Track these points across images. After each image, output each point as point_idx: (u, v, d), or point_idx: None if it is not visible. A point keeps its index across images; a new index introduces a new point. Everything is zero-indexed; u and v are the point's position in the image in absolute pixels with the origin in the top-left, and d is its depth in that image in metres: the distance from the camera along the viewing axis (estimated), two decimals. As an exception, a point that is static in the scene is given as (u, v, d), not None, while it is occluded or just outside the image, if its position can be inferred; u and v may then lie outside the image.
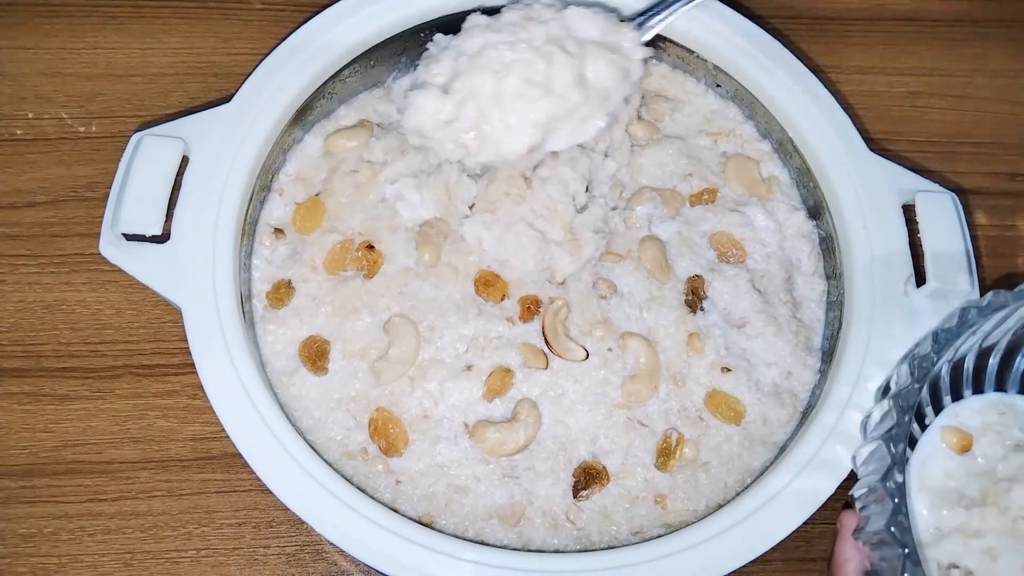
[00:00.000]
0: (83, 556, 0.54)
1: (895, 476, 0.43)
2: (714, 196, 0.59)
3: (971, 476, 0.47)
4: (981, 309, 0.46)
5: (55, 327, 0.59)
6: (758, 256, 0.58)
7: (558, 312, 0.53)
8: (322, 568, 0.55)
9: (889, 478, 0.43)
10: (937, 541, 0.46)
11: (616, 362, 0.53)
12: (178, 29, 0.69)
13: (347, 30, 0.58)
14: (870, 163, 0.56)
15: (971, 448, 0.48)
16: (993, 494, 0.46)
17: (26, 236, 0.62)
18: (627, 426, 0.52)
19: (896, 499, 0.42)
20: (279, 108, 0.55)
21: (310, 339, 0.53)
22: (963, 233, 0.53)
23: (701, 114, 0.63)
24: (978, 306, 0.46)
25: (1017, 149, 0.70)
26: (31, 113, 0.65)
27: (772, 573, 0.55)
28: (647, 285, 0.55)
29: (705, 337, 0.54)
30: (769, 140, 0.61)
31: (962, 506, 0.46)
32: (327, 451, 0.51)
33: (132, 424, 0.57)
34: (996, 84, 0.72)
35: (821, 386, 0.53)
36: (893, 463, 0.43)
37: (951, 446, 0.48)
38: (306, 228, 0.56)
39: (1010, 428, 0.49)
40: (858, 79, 0.72)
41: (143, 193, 0.51)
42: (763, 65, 0.59)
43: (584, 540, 0.50)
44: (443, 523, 0.50)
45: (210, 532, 0.55)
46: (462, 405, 0.52)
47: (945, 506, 0.46)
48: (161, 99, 0.67)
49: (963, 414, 0.49)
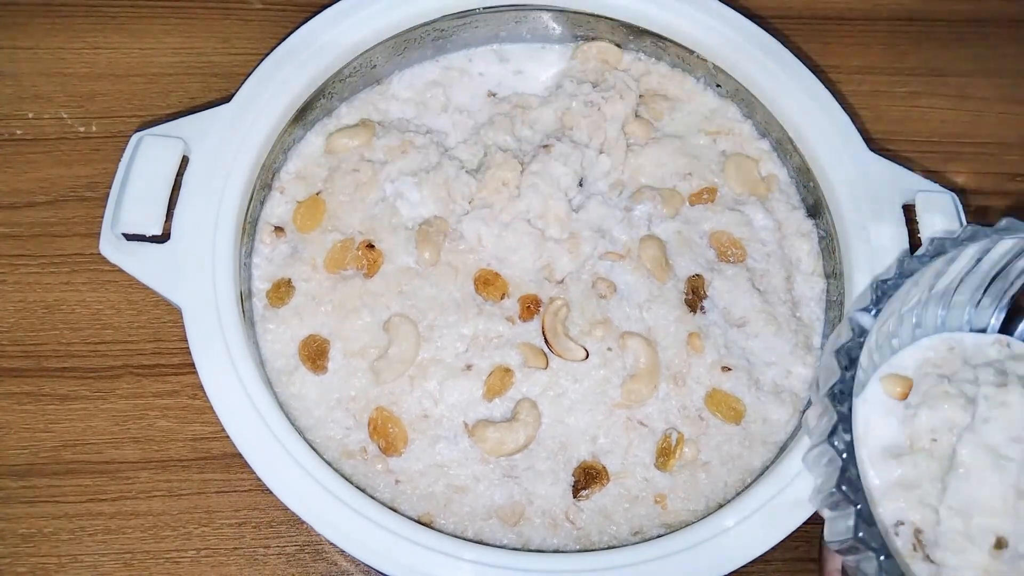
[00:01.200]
0: (83, 556, 0.54)
1: (841, 434, 0.42)
2: (714, 195, 0.59)
3: (904, 423, 0.46)
4: (920, 257, 0.45)
5: (55, 327, 0.59)
6: (757, 255, 0.58)
7: (558, 312, 0.53)
8: (322, 568, 0.55)
9: (836, 436, 0.42)
10: (880, 499, 0.45)
11: (616, 362, 0.53)
12: (178, 29, 0.69)
13: (347, 30, 0.58)
14: (870, 163, 0.56)
15: (909, 393, 0.47)
16: (918, 436, 0.46)
17: (26, 236, 0.62)
18: (627, 426, 0.52)
19: (844, 455, 0.41)
20: (279, 108, 0.55)
21: (310, 338, 0.53)
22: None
23: (700, 113, 0.63)
24: (918, 255, 0.45)
25: (1017, 149, 0.70)
26: (31, 113, 0.65)
27: (772, 573, 0.55)
28: (647, 284, 0.55)
29: (705, 336, 0.54)
30: (768, 139, 0.61)
31: (895, 457, 0.45)
32: (326, 450, 0.51)
33: (132, 424, 0.57)
34: (996, 84, 0.72)
35: (821, 386, 0.53)
36: (839, 420, 0.42)
37: (891, 394, 0.47)
38: (306, 227, 0.56)
39: (952, 363, 0.48)
40: (858, 79, 0.72)
41: (143, 193, 0.51)
42: (763, 65, 0.59)
43: (584, 540, 0.50)
44: (442, 523, 0.50)
45: (210, 532, 0.55)
46: (462, 405, 0.52)
47: (882, 461, 0.45)
48: (161, 99, 0.67)
49: (906, 359, 0.48)
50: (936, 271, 0.46)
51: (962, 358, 0.48)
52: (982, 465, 0.44)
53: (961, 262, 0.47)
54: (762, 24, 0.60)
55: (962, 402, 0.46)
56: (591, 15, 0.61)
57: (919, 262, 0.45)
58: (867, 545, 0.40)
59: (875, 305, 0.44)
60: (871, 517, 0.40)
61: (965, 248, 0.45)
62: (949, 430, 0.45)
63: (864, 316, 0.44)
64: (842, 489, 0.41)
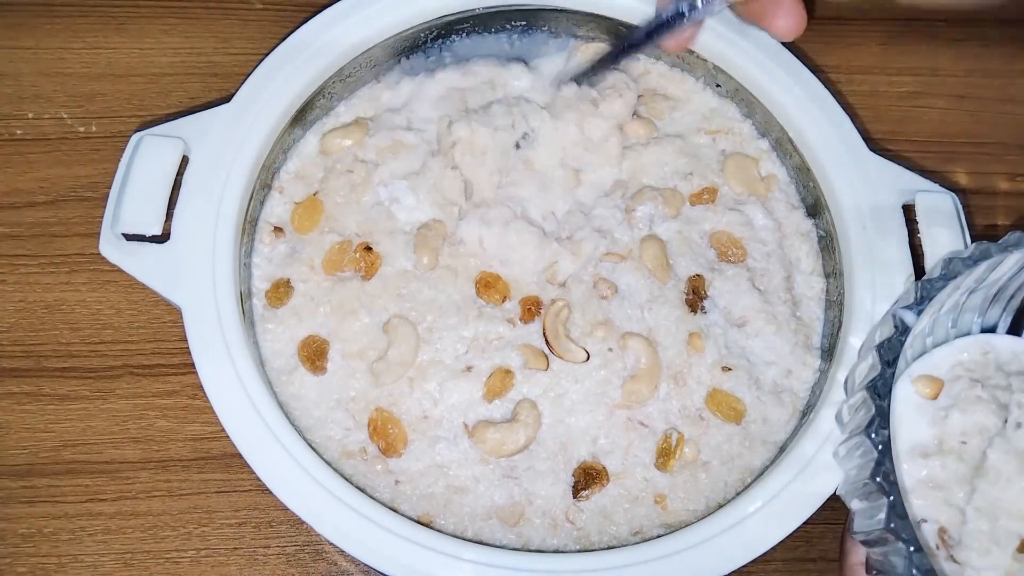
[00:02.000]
0: (83, 556, 0.54)
1: (879, 428, 0.42)
2: (714, 195, 0.59)
3: (934, 424, 0.47)
4: (964, 260, 0.46)
5: (55, 327, 0.59)
6: (757, 255, 0.58)
7: (559, 313, 0.53)
8: (322, 568, 0.55)
9: (873, 429, 0.42)
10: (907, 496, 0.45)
11: (617, 362, 0.53)
12: (178, 29, 0.69)
13: (347, 30, 0.58)
14: (870, 163, 0.56)
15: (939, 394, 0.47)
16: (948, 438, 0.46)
17: (26, 236, 0.62)
18: (627, 426, 0.52)
19: (880, 448, 0.42)
20: (279, 108, 0.55)
21: (309, 339, 0.53)
22: (963, 233, 0.53)
23: (700, 112, 0.63)
24: (961, 257, 0.46)
25: (1017, 149, 0.70)
26: (31, 113, 0.65)
27: (772, 573, 0.55)
28: (648, 285, 0.55)
29: (706, 336, 0.54)
30: (767, 138, 0.61)
31: (923, 456, 0.46)
32: (326, 451, 0.51)
33: (132, 424, 0.57)
34: (996, 84, 0.72)
35: (821, 385, 0.53)
36: (877, 414, 0.43)
37: (922, 394, 0.47)
38: (304, 227, 0.56)
39: (986, 368, 0.48)
40: (858, 79, 0.71)
41: (143, 193, 0.51)
42: (763, 65, 0.59)
43: (584, 540, 0.50)
44: (442, 523, 0.50)
45: (210, 532, 0.55)
46: (462, 406, 0.52)
47: (910, 459, 0.46)
48: (161, 99, 0.67)
49: (939, 360, 0.49)
50: (978, 276, 0.47)
51: (996, 363, 0.49)
52: (1012, 470, 0.45)
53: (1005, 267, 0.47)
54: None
55: (994, 407, 0.46)
56: (592, 15, 0.61)
57: (963, 264, 0.46)
58: (898, 536, 0.41)
59: (919, 304, 0.45)
60: (903, 510, 0.41)
61: (1010, 255, 0.46)
62: (979, 434, 0.46)
63: (908, 314, 0.45)
64: (876, 480, 0.42)
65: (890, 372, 0.44)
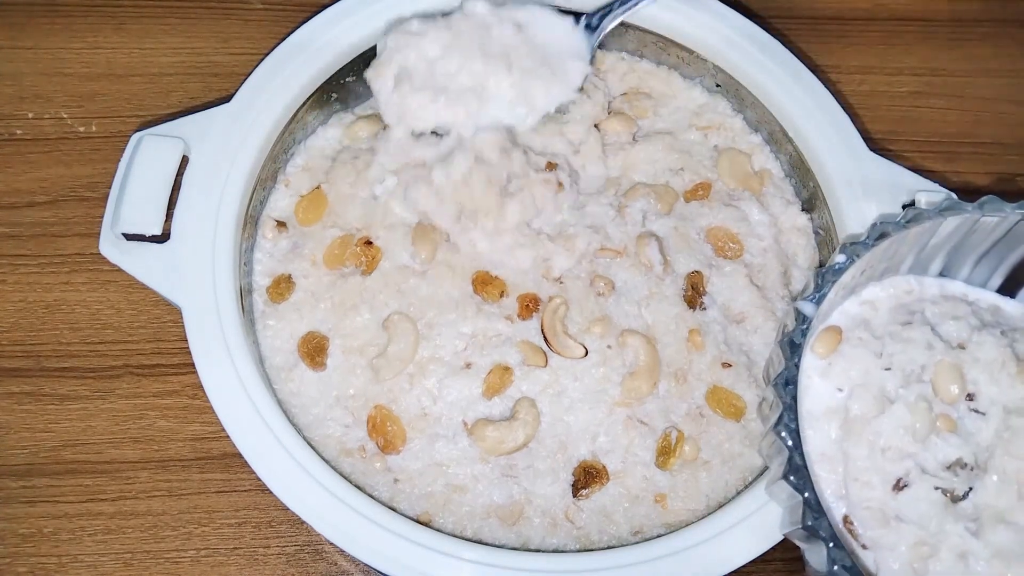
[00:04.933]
0: (83, 556, 0.54)
1: (787, 423, 0.43)
2: (708, 191, 0.59)
3: (825, 377, 0.49)
4: (863, 243, 0.48)
5: (55, 327, 0.59)
6: (754, 250, 0.58)
7: (557, 310, 0.53)
8: (322, 568, 0.55)
9: (781, 425, 0.43)
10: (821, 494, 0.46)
11: (615, 359, 0.53)
12: (178, 29, 0.69)
13: (347, 30, 0.58)
14: (870, 163, 0.56)
15: (837, 347, 0.49)
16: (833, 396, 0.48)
17: (26, 236, 0.62)
18: (627, 424, 0.52)
19: (790, 443, 0.43)
20: (279, 108, 0.55)
21: (309, 335, 0.53)
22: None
23: (689, 108, 0.63)
24: (859, 241, 0.48)
25: (1017, 149, 0.70)
26: (31, 113, 0.65)
27: (772, 573, 0.55)
28: (646, 282, 0.55)
29: (705, 333, 0.54)
30: (760, 133, 0.61)
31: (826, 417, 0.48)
32: (325, 448, 0.51)
33: (132, 424, 0.57)
34: (996, 84, 0.72)
35: (820, 384, 0.53)
36: (784, 409, 0.44)
37: (819, 354, 0.49)
38: (308, 220, 0.56)
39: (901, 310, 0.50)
40: (858, 79, 0.72)
41: (143, 193, 0.51)
42: (763, 65, 0.59)
43: (583, 539, 0.50)
44: (441, 522, 0.50)
45: (210, 532, 0.55)
46: (461, 403, 0.52)
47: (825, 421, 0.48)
48: (161, 99, 0.67)
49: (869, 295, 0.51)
50: (882, 251, 0.48)
51: (910, 302, 0.50)
52: (874, 412, 0.47)
53: (917, 238, 0.49)
54: (762, 24, 0.60)
55: (876, 348, 0.48)
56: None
57: (863, 247, 0.47)
58: (815, 534, 0.41)
59: (817, 292, 0.47)
60: (819, 505, 0.42)
61: (908, 230, 0.48)
62: (863, 379, 0.48)
63: (807, 305, 0.47)
64: (789, 479, 0.42)
65: (794, 363, 0.45)
